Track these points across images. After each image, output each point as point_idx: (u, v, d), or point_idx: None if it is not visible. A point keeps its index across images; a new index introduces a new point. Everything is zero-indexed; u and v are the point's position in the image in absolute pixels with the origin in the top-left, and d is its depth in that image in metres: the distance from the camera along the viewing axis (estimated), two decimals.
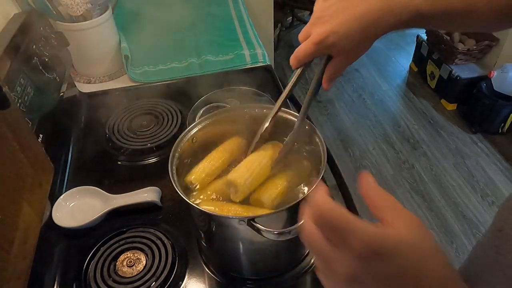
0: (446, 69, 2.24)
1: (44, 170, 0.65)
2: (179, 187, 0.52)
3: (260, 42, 1.20)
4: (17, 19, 0.79)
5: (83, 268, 0.63)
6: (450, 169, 1.97)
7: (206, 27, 1.30)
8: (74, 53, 1.00)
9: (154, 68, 1.12)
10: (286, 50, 2.98)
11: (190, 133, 0.62)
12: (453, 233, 1.68)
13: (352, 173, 1.97)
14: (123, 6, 1.44)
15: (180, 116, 0.92)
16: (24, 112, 0.66)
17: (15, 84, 0.65)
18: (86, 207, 0.72)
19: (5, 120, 0.54)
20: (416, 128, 2.22)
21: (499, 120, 2.05)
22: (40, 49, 0.78)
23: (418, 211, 1.78)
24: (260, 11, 1.75)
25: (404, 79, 2.63)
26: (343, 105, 2.41)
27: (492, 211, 1.77)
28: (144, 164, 0.84)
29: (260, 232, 0.48)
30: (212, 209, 0.55)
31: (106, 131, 0.89)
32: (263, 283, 0.63)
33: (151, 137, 0.87)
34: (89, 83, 1.10)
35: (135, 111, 0.94)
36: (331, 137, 2.18)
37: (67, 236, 0.69)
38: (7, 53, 0.67)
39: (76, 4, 0.93)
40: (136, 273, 0.61)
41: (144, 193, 0.72)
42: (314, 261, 0.64)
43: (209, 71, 1.10)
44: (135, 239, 0.66)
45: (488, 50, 2.15)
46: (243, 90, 0.95)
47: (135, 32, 1.27)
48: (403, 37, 3.06)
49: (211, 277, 0.63)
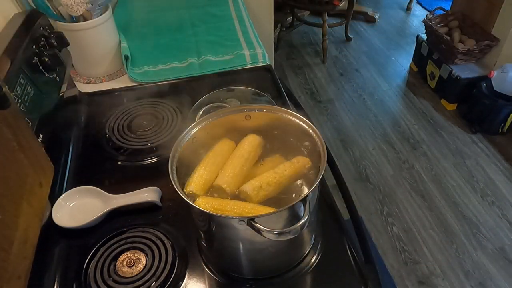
0: (446, 69, 2.24)
1: (44, 170, 0.65)
2: (179, 187, 0.52)
3: (260, 42, 1.20)
4: (17, 19, 0.79)
5: (83, 268, 0.63)
6: (450, 169, 1.97)
7: (206, 27, 1.30)
8: (74, 53, 1.00)
9: (154, 68, 1.12)
10: (286, 50, 2.99)
11: (190, 133, 0.62)
12: (453, 233, 1.68)
13: (352, 173, 1.98)
14: (123, 6, 1.44)
15: (180, 116, 0.92)
16: (24, 112, 0.66)
17: (15, 84, 0.65)
18: (86, 207, 0.72)
19: (5, 120, 0.54)
20: (416, 128, 2.22)
21: (499, 120, 2.05)
22: (40, 49, 0.78)
23: (418, 211, 1.78)
24: (260, 11, 1.75)
25: (404, 79, 2.63)
26: (343, 105, 2.41)
27: (492, 211, 1.77)
28: (144, 164, 0.84)
29: (260, 232, 0.48)
30: (212, 208, 0.55)
31: (106, 131, 0.89)
32: (263, 283, 0.63)
33: (151, 137, 0.87)
34: (89, 83, 1.10)
35: (135, 111, 0.94)
36: (331, 137, 2.18)
37: (67, 236, 0.69)
38: (7, 53, 0.67)
39: (76, 4, 0.93)
40: (136, 273, 0.61)
41: (144, 193, 0.72)
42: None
43: (209, 71, 1.10)
44: (135, 239, 0.66)
45: (488, 50, 2.15)
46: (243, 90, 0.95)
47: (135, 32, 1.27)
48: (403, 37, 3.06)
49: (211, 277, 0.63)
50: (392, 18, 3.32)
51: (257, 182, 0.57)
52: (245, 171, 0.61)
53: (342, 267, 0.64)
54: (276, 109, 0.64)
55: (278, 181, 0.58)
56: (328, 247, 0.67)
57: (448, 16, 2.37)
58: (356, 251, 0.65)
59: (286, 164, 0.60)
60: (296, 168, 0.60)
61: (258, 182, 0.57)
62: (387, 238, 1.68)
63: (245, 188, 0.57)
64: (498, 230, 1.69)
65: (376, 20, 3.25)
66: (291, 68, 2.79)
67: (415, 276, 1.54)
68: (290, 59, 2.88)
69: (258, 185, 0.57)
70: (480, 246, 1.63)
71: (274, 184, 0.58)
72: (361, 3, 3.43)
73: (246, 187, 0.57)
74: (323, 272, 0.63)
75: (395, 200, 1.83)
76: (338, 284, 0.62)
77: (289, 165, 0.60)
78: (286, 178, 0.59)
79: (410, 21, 3.29)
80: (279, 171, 0.59)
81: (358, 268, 0.63)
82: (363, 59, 2.84)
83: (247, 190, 0.56)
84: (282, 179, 0.58)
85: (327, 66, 2.78)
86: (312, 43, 3.05)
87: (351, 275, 0.62)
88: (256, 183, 0.57)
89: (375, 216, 1.77)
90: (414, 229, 1.70)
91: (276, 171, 0.59)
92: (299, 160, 0.61)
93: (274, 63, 2.24)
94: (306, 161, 0.61)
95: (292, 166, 0.60)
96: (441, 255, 1.60)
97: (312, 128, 0.60)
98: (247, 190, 0.56)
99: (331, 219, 0.71)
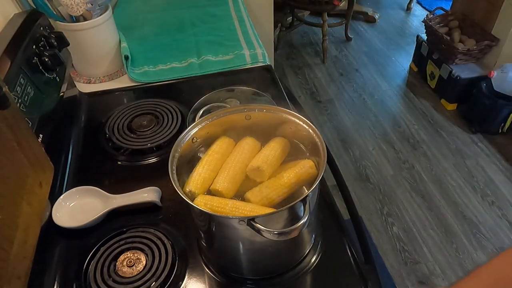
0: (446, 69, 2.24)
1: (44, 170, 0.64)
2: (179, 187, 0.52)
3: (260, 42, 1.20)
4: (17, 19, 0.79)
5: (83, 268, 0.63)
6: (450, 169, 1.97)
7: (206, 27, 1.30)
8: (74, 53, 1.00)
9: (154, 68, 1.12)
10: (286, 50, 2.98)
11: (190, 133, 0.62)
12: (453, 233, 1.68)
13: (352, 173, 1.98)
14: (123, 6, 1.44)
15: (180, 116, 0.92)
16: (24, 112, 0.66)
17: (15, 84, 0.65)
18: (86, 207, 0.72)
19: (5, 120, 0.54)
20: (416, 128, 2.22)
21: (499, 120, 2.05)
22: (40, 49, 0.77)
23: (418, 211, 1.78)
24: (260, 11, 1.75)
25: (404, 79, 2.63)
26: (343, 105, 2.41)
27: (492, 211, 1.77)
28: (144, 164, 0.84)
29: (260, 232, 0.48)
30: (212, 208, 0.55)
31: (106, 131, 0.89)
32: (263, 283, 0.63)
33: (151, 137, 0.87)
34: (89, 83, 1.09)
35: (135, 111, 0.94)
36: (331, 137, 2.18)
37: (67, 236, 0.69)
38: (7, 53, 0.67)
39: (76, 4, 0.93)
40: (136, 273, 0.61)
41: (144, 193, 0.72)
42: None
43: (209, 71, 1.10)
44: (135, 239, 0.66)
45: (488, 50, 2.15)
46: (243, 90, 0.95)
47: (135, 32, 1.27)
48: (403, 37, 3.06)
49: (211, 277, 0.63)
50: (392, 18, 3.32)
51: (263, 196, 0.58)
52: (243, 176, 0.61)
53: (342, 267, 0.64)
54: (276, 109, 0.64)
55: (287, 192, 0.58)
56: (328, 247, 0.67)
57: (448, 16, 2.37)
58: (356, 251, 0.65)
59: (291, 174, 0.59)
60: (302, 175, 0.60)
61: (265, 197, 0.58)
62: (387, 238, 1.68)
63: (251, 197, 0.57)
64: (498, 230, 1.69)
65: (376, 20, 3.25)
66: (291, 68, 2.79)
67: (415, 276, 1.54)
68: (290, 59, 2.88)
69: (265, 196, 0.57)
70: (480, 246, 1.63)
71: (282, 195, 0.58)
72: (361, 3, 3.43)
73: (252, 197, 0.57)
74: (323, 272, 0.63)
75: (395, 200, 1.83)
76: (338, 284, 0.62)
77: (294, 174, 0.59)
78: (294, 187, 0.59)
79: (410, 21, 3.29)
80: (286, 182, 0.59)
81: (358, 268, 0.63)
82: (363, 59, 2.83)
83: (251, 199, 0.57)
84: (290, 188, 0.59)
85: (327, 66, 2.78)
86: (312, 43, 3.05)
87: (351, 275, 0.62)
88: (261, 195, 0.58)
89: (375, 216, 1.77)
90: (414, 229, 1.70)
91: (284, 184, 0.58)
92: (305, 165, 0.60)
93: (274, 63, 2.24)
94: (310, 165, 0.61)
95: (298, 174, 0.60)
96: (441, 255, 1.60)
97: (312, 128, 0.60)
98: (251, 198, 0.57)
99: (331, 219, 0.71)
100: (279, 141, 0.64)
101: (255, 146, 0.64)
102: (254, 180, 0.61)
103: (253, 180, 0.61)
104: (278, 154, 0.62)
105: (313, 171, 0.59)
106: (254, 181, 0.61)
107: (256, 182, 0.60)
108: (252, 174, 0.60)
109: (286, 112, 0.63)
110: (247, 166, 0.61)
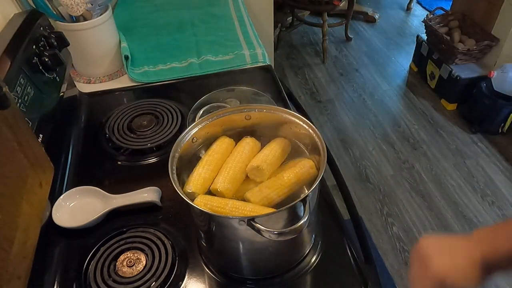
0: (446, 69, 2.24)
1: (44, 170, 0.64)
2: (179, 187, 0.52)
3: (260, 42, 1.20)
4: (17, 19, 0.79)
5: (83, 268, 0.63)
6: (450, 169, 1.97)
7: (206, 27, 1.30)
8: (74, 53, 1.00)
9: (154, 68, 1.12)
10: (286, 50, 2.98)
11: (190, 133, 0.62)
12: (453, 233, 1.68)
13: (352, 173, 1.98)
14: (123, 6, 1.44)
15: (180, 116, 0.92)
16: (24, 112, 0.66)
17: (15, 84, 0.65)
18: (86, 207, 0.72)
19: (5, 120, 0.54)
20: (416, 128, 2.22)
21: (499, 120, 2.05)
22: (40, 49, 0.77)
23: (418, 211, 1.78)
24: (260, 11, 1.75)
25: (404, 79, 2.63)
26: (343, 105, 2.41)
27: (492, 211, 1.77)
28: (144, 164, 0.84)
29: (260, 232, 0.48)
30: (212, 208, 0.55)
31: (106, 131, 0.89)
32: (263, 283, 0.63)
33: (151, 137, 0.87)
34: (89, 83, 1.09)
35: (135, 111, 0.94)
36: (331, 137, 2.18)
37: (67, 236, 0.69)
38: (7, 53, 0.67)
39: (76, 4, 0.93)
40: (136, 273, 0.61)
41: (144, 193, 0.72)
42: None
43: (209, 71, 1.10)
44: (135, 239, 0.66)
45: (488, 50, 2.15)
46: (243, 90, 0.95)
47: (135, 32, 1.27)
48: (403, 37, 3.06)
49: (211, 277, 0.63)
50: (392, 18, 3.32)
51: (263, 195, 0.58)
52: (243, 176, 0.61)
53: (342, 267, 0.64)
54: (276, 109, 0.64)
55: (287, 192, 0.58)
56: (328, 247, 0.67)
57: (448, 16, 2.37)
58: (356, 251, 0.65)
59: (291, 174, 0.59)
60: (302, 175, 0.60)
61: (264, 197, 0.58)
62: (387, 238, 1.68)
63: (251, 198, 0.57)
64: None
65: (376, 20, 3.25)
66: (291, 68, 2.79)
67: None
68: (290, 59, 2.88)
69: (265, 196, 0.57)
70: None
71: (282, 195, 0.58)
72: (361, 3, 3.43)
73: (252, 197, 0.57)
74: (323, 272, 0.63)
75: (395, 200, 1.83)
76: (338, 284, 0.62)
77: (294, 174, 0.59)
78: (294, 187, 0.59)
79: (410, 21, 3.29)
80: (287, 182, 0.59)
81: (358, 268, 0.63)
82: (363, 59, 2.83)
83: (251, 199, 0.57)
84: (290, 188, 0.59)
85: (327, 66, 2.78)
86: (312, 43, 3.05)
87: (351, 275, 0.62)
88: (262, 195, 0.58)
89: (375, 216, 1.77)
90: (414, 229, 1.70)
91: (284, 184, 0.58)
92: (305, 165, 0.60)
93: (274, 63, 2.24)
94: (310, 164, 0.61)
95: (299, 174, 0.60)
96: None
97: (312, 128, 0.60)
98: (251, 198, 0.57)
99: (331, 219, 0.71)
100: (279, 141, 0.64)
101: (255, 146, 0.64)
102: (254, 180, 0.61)
103: (253, 180, 0.61)
104: (278, 154, 0.62)
105: (313, 171, 0.59)
106: (254, 181, 0.61)
107: (256, 182, 0.60)
108: (252, 173, 0.60)
109: (286, 112, 0.63)
110: (247, 166, 0.61)
